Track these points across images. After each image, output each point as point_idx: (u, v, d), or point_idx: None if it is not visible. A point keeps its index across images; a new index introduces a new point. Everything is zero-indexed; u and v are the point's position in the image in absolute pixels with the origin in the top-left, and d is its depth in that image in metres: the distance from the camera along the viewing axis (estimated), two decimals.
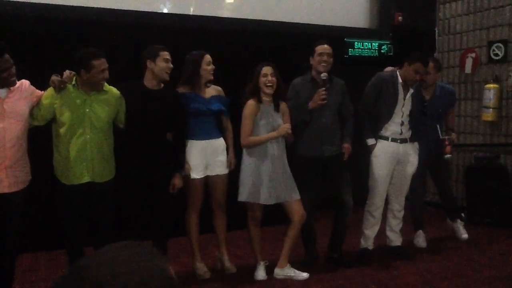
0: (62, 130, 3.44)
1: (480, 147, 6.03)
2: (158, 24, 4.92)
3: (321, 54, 4.12)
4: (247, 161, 3.91)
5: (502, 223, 5.43)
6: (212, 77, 3.98)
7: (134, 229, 3.77)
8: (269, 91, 3.89)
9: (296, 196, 3.95)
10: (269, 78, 3.86)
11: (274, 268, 4.02)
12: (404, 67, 4.32)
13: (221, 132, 4.09)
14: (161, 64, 3.70)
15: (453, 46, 6.38)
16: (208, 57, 3.94)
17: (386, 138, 4.36)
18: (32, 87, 3.41)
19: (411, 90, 4.36)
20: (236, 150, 4.08)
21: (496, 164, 5.73)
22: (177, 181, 3.84)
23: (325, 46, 4.14)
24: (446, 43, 6.48)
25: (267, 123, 3.90)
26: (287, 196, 3.92)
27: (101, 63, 3.40)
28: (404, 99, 4.33)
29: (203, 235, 4.26)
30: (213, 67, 3.96)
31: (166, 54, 3.73)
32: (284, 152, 3.97)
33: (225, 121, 4.15)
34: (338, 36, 5.95)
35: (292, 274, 3.99)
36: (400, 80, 4.32)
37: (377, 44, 6.21)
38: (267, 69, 3.88)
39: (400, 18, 6.33)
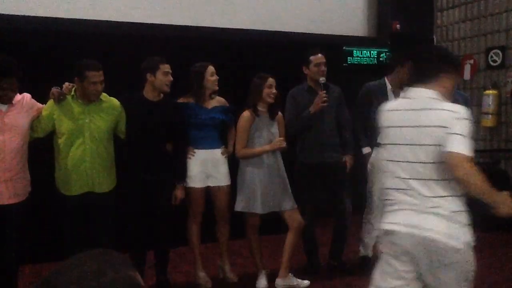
0: (61, 141, 3.48)
1: (480, 152, 6.05)
2: (158, 36, 4.97)
3: (318, 64, 4.15)
4: (243, 171, 3.93)
5: (503, 228, 5.43)
6: (216, 88, 4.00)
7: (136, 239, 3.79)
8: (271, 101, 3.94)
9: (293, 204, 3.97)
10: (273, 90, 3.92)
11: (275, 276, 4.03)
12: (397, 70, 4.29)
13: (224, 143, 4.11)
14: (161, 77, 3.74)
15: None
16: (211, 68, 3.96)
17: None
18: (33, 101, 3.46)
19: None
20: (234, 160, 4.09)
21: (496, 169, 5.74)
22: (179, 193, 3.86)
23: (319, 55, 4.17)
24: None
25: (262, 134, 3.91)
26: (284, 204, 3.93)
27: (94, 75, 3.44)
28: None
29: (205, 244, 4.27)
30: (217, 77, 3.98)
31: (166, 67, 3.76)
32: (280, 161, 3.99)
33: (230, 129, 4.15)
34: (337, 45, 5.99)
35: (295, 283, 3.99)
36: (389, 86, 4.34)
37: (375, 52, 6.25)
38: (272, 81, 3.92)
39: (398, 26, 6.37)
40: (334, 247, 4.41)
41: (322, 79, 4.11)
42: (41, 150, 3.56)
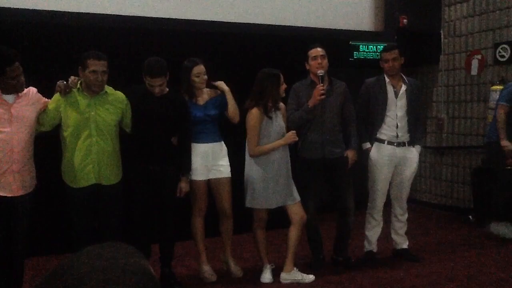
0: (67, 134, 3.49)
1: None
2: (161, 29, 4.96)
3: (315, 57, 4.14)
4: (253, 167, 3.92)
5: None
6: (203, 87, 3.97)
7: (141, 232, 3.80)
8: (284, 95, 3.96)
9: (297, 198, 3.97)
10: (285, 84, 3.92)
11: (280, 271, 4.03)
12: None
13: (223, 136, 4.10)
14: (148, 85, 3.69)
15: (459, 48, 6.37)
16: (197, 69, 3.89)
17: (383, 141, 4.36)
18: (39, 94, 3.47)
19: (404, 87, 4.34)
20: (237, 155, 4.08)
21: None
22: (184, 185, 3.87)
23: (318, 49, 4.15)
24: (451, 45, 6.47)
25: (271, 128, 3.91)
26: (290, 198, 3.94)
27: (94, 64, 3.43)
28: (397, 97, 4.31)
29: (210, 238, 4.27)
30: (203, 78, 3.92)
31: (152, 81, 3.65)
32: (287, 155, 3.99)
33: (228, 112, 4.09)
34: (343, 39, 5.97)
35: (299, 278, 3.99)
36: (387, 79, 4.33)
37: (382, 47, 6.17)
38: (282, 76, 3.92)
39: (405, 20, 6.33)
40: (339, 243, 4.41)
41: (320, 72, 4.09)
42: (46, 144, 3.57)
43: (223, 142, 4.07)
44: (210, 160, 3.98)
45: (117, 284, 0.78)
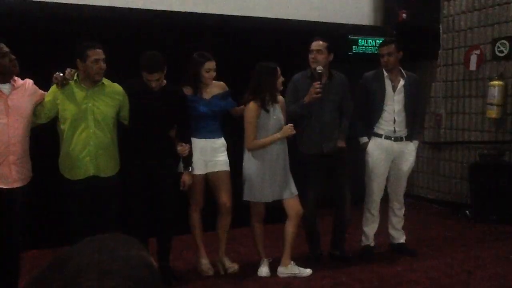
0: (65, 126, 3.48)
1: (484, 144, 6.01)
2: (163, 22, 4.94)
3: (311, 51, 4.12)
4: (250, 160, 3.91)
5: (507, 220, 5.42)
6: (210, 83, 3.94)
7: (139, 226, 3.79)
8: (281, 88, 3.96)
9: (294, 192, 3.97)
10: (282, 77, 3.91)
11: (278, 265, 4.03)
12: None
13: (223, 132, 4.08)
14: (145, 79, 3.67)
15: (458, 43, 6.36)
16: (208, 65, 3.87)
17: (380, 136, 4.36)
18: (35, 86, 3.45)
19: (402, 81, 4.32)
20: (236, 150, 4.06)
21: (500, 161, 5.71)
22: (186, 178, 3.85)
23: (315, 42, 4.12)
24: (450, 40, 6.46)
25: (268, 121, 3.90)
26: (287, 192, 3.93)
27: (95, 53, 3.43)
28: (394, 91, 4.30)
29: (209, 233, 4.26)
30: (213, 74, 3.90)
31: (150, 76, 3.63)
32: (285, 149, 3.98)
33: (233, 110, 4.10)
34: (342, 34, 5.95)
35: (296, 272, 4.00)
36: (385, 73, 4.31)
37: (381, 41, 6.18)
38: (279, 70, 3.90)
39: (404, 15, 6.31)
40: (335, 237, 4.41)
41: (319, 68, 4.06)
42: (41, 136, 3.55)
43: (223, 138, 4.04)
44: (208, 156, 3.96)
45: (117, 276, 0.77)
